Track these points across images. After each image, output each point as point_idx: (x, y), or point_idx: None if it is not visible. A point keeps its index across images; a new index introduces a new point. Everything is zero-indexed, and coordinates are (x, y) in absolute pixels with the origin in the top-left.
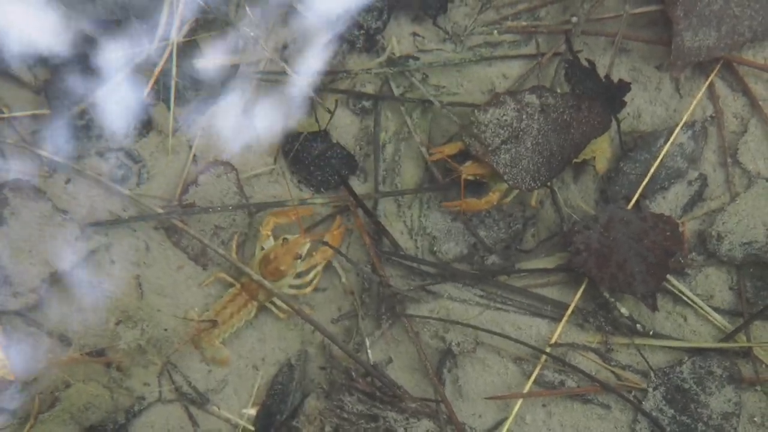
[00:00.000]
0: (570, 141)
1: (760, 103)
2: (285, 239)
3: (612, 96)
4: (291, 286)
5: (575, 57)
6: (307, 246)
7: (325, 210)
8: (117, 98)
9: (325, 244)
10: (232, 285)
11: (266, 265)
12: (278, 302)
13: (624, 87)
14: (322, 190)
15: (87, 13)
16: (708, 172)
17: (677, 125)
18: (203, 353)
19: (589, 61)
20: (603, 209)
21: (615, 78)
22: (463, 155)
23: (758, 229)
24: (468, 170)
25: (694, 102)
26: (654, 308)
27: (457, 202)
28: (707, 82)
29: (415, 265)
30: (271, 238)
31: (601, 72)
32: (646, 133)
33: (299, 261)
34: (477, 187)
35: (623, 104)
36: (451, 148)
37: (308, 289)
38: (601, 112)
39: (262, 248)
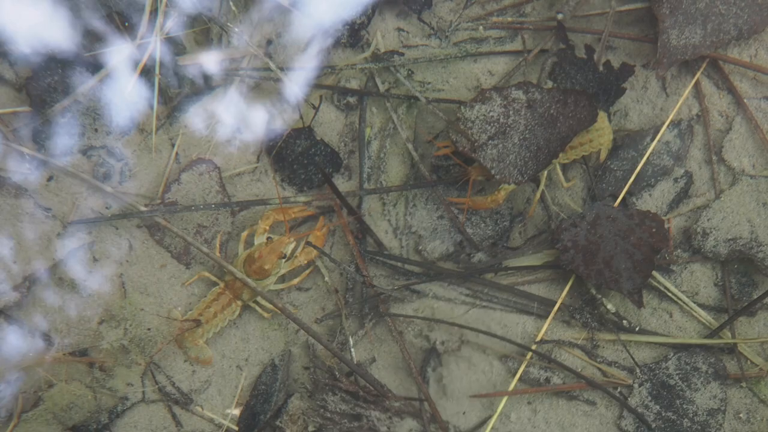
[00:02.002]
0: (556, 135)
1: (745, 101)
2: (269, 238)
3: (607, 86)
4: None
5: (569, 47)
6: (292, 246)
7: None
8: (99, 95)
9: (309, 244)
10: (215, 284)
11: (251, 264)
12: (262, 302)
13: (627, 70)
14: (305, 188)
15: (69, 9)
16: (693, 170)
17: (664, 123)
18: (187, 353)
19: (587, 47)
20: (590, 207)
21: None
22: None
23: (742, 225)
24: (475, 171)
25: (681, 100)
26: (640, 305)
27: (462, 199)
28: (693, 81)
29: (399, 264)
30: (265, 234)
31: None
32: (633, 132)
33: (283, 260)
34: (465, 184)
35: (623, 91)
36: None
37: (296, 280)
38: (587, 106)
39: (252, 243)
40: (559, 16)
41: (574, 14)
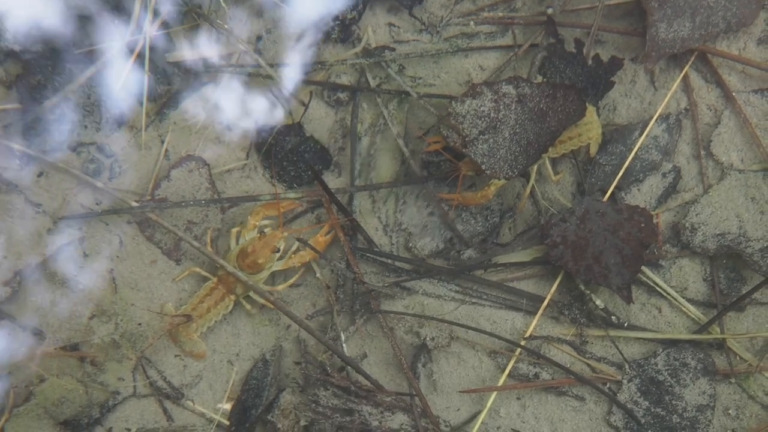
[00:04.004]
0: (546, 129)
1: (734, 94)
2: (263, 232)
3: (596, 80)
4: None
5: (559, 41)
6: (285, 240)
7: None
8: (89, 92)
9: (310, 247)
10: (206, 279)
11: (244, 258)
12: (251, 297)
13: (616, 64)
14: (295, 185)
15: (60, 6)
16: (682, 164)
17: (652, 118)
18: (181, 347)
19: (577, 41)
20: (579, 202)
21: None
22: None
23: (731, 220)
24: (466, 166)
25: (669, 94)
26: (629, 300)
27: (452, 195)
28: (682, 74)
29: (389, 261)
30: (255, 230)
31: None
32: (621, 126)
33: (277, 254)
34: (456, 180)
35: (611, 85)
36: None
37: (282, 287)
38: (576, 100)
39: (244, 238)
40: (549, 11)
41: (563, 9)
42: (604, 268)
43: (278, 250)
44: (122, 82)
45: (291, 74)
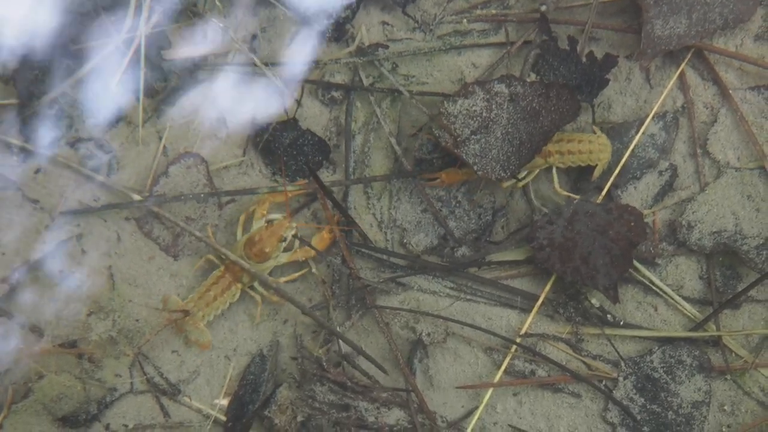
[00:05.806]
0: (539, 129)
1: (731, 92)
2: (270, 221)
3: (590, 78)
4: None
5: (552, 38)
6: (292, 230)
7: (297, 200)
8: (86, 88)
9: (308, 245)
10: (212, 270)
11: (251, 247)
12: (257, 287)
13: (611, 61)
14: (297, 179)
15: (57, 2)
16: (678, 162)
17: (648, 116)
18: (187, 336)
19: (570, 38)
20: (568, 203)
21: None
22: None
23: (727, 218)
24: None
25: (665, 92)
26: (615, 300)
27: (435, 174)
28: (678, 72)
29: (384, 257)
30: (263, 218)
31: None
32: (617, 124)
33: (283, 243)
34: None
35: (606, 82)
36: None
37: (296, 275)
38: (569, 99)
39: (246, 231)
40: (543, 8)
41: (557, 6)
42: (591, 269)
43: (285, 240)
44: (119, 78)
45: (285, 73)
